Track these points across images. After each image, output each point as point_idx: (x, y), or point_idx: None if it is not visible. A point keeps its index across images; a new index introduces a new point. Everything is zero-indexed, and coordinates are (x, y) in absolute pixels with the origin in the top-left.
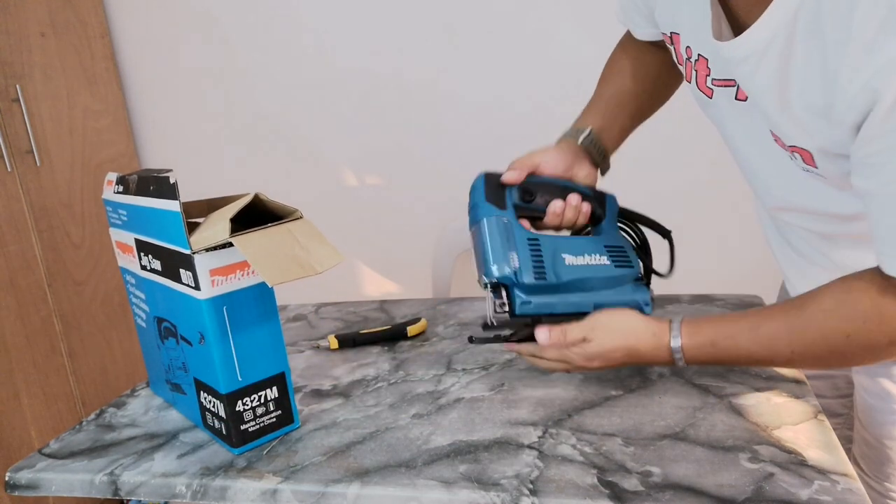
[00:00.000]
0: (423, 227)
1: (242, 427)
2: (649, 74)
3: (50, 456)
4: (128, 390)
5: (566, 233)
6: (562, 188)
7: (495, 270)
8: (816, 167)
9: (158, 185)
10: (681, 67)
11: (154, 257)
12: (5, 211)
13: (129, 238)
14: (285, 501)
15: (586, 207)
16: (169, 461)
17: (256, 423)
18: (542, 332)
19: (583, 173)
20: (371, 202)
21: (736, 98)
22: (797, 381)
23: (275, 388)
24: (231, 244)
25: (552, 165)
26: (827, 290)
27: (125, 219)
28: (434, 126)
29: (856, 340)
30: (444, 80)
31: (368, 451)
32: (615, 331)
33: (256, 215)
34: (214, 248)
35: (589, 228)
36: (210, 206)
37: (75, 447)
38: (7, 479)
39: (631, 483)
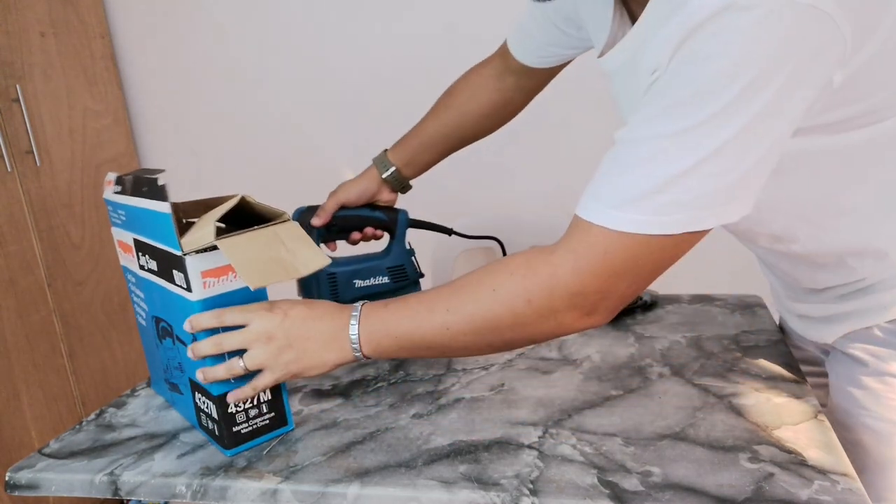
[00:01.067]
0: None
1: (235, 429)
2: (483, 107)
3: (50, 456)
4: (128, 390)
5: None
6: (359, 219)
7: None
8: None
9: (150, 186)
10: None
11: (150, 257)
12: (5, 211)
13: (128, 238)
14: (285, 501)
15: (379, 232)
16: (169, 461)
17: (249, 425)
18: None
19: (385, 197)
20: None
21: None
22: (797, 381)
23: (268, 391)
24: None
25: (356, 198)
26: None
27: (124, 219)
28: None
29: (536, 300)
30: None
31: (368, 451)
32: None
33: (247, 216)
34: (206, 250)
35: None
36: (206, 205)
37: (75, 447)
38: (7, 478)
39: (631, 483)
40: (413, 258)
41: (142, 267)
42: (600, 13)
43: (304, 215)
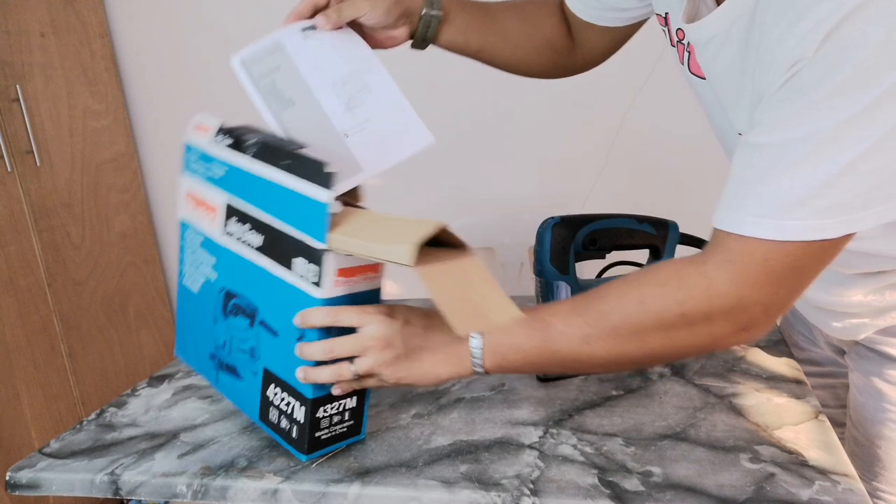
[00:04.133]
0: None
1: (317, 434)
2: (536, 34)
3: (50, 455)
4: (128, 390)
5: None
6: (624, 232)
7: None
8: None
9: (302, 164)
10: (672, 49)
11: (255, 230)
12: (5, 211)
13: (215, 196)
14: (286, 501)
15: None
16: (169, 461)
17: (330, 432)
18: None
19: (393, 34)
20: (371, 202)
21: None
22: (798, 382)
23: (355, 398)
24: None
25: (371, 11)
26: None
27: (220, 175)
28: (435, 125)
29: (690, 312)
30: (444, 79)
31: (369, 450)
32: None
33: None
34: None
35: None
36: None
37: (76, 447)
38: (8, 478)
39: (632, 483)
40: None
41: (229, 234)
42: None
43: (557, 228)
